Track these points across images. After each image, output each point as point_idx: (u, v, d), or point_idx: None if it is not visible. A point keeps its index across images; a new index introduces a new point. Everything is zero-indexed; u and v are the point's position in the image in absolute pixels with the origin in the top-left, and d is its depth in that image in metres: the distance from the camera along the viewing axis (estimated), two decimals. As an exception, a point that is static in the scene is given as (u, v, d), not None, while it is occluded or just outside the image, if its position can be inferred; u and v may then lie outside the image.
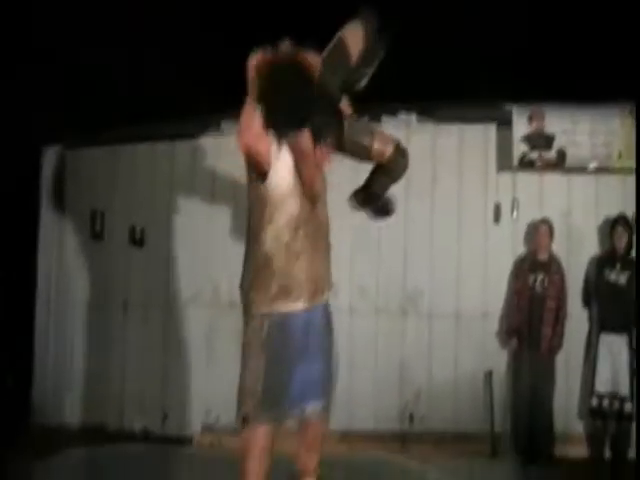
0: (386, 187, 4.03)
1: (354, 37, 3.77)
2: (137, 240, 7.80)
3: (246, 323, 3.59)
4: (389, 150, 3.80)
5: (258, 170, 3.52)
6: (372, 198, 4.05)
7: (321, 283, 3.62)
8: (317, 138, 3.44)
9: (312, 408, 3.62)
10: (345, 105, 3.81)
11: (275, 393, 3.48)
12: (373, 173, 4.01)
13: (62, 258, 8.03)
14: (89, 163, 8.06)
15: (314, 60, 3.47)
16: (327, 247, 3.69)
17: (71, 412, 7.70)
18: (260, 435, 3.48)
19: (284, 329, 3.51)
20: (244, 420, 3.50)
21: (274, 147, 3.48)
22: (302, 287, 3.53)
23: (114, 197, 7.93)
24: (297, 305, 3.53)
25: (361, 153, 3.83)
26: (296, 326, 3.54)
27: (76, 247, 7.94)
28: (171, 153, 7.89)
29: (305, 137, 3.46)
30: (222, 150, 7.63)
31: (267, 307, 3.51)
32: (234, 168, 7.44)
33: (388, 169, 3.89)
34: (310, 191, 3.53)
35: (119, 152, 8.01)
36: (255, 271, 3.55)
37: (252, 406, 3.46)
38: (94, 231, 7.82)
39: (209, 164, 7.72)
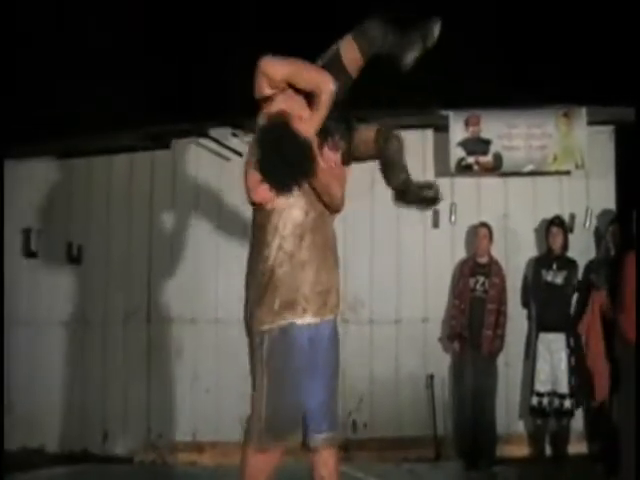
0: (397, 175, 3.80)
1: (350, 50, 3.57)
2: (74, 257, 7.65)
3: (249, 344, 3.43)
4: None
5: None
6: (399, 193, 3.85)
7: (329, 297, 3.42)
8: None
9: (318, 439, 3.39)
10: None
11: (281, 416, 3.30)
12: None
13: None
14: (25, 178, 7.88)
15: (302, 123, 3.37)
16: (336, 261, 3.53)
17: (9, 435, 7.48)
18: (264, 462, 3.33)
19: (287, 346, 3.32)
20: (248, 442, 3.34)
21: None
22: (308, 300, 3.35)
23: (50, 213, 7.77)
24: (304, 319, 3.34)
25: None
26: (300, 343, 3.34)
27: (11, 265, 7.75)
28: (108, 168, 7.78)
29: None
30: (159, 164, 7.61)
31: (270, 323, 3.32)
32: (172, 181, 7.58)
33: (382, 157, 3.74)
34: (329, 200, 3.45)
35: (56, 167, 7.86)
36: (258, 286, 3.39)
37: (257, 431, 3.30)
38: (28, 249, 7.65)
39: (147, 178, 7.64)
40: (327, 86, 3.37)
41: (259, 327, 3.34)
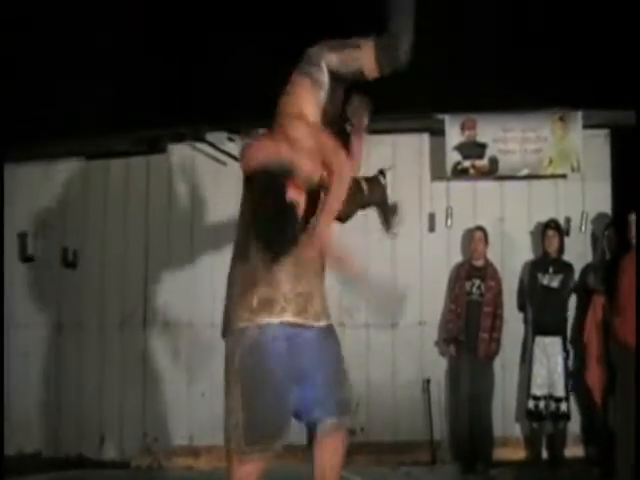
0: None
1: (369, 59, 3.48)
2: (70, 262, 7.63)
3: (226, 346, 3.30)
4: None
5: None
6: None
7: (312, 302, 3.28)
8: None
9: (325, 423, 3.26)
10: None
11: (260, 423, 3.14)
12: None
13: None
14: (22, 182, 7.85)
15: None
16: (322, 267, 3.41)
17: (5, 439, 7.46)
18: (247, 472, 3.19)
19: (263, 347, 3.18)
20: (229, 454, 3.20)
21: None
22: (287, 300, 3.23)
23: (46, 218, 7.74)
24: (282, 318, 3.21)
25: None
26: (277, 344, 3.20)
27: (8, 269, 7.73)
28: (104, 172, 7.77)
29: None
30: (154, 168, 7.60)
31: (247, 320, 3.20)
32: (168, 186, 7.57)
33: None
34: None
35: (52, 171, 7.83)
36: (240, 285, 3.30)
37: (235, 441, 3.15)
38: (24, 253, 7.63)
39: (143, 182, 7.64)
40: (345, 170, 3.37)
41: (237, 325, 3.23)
